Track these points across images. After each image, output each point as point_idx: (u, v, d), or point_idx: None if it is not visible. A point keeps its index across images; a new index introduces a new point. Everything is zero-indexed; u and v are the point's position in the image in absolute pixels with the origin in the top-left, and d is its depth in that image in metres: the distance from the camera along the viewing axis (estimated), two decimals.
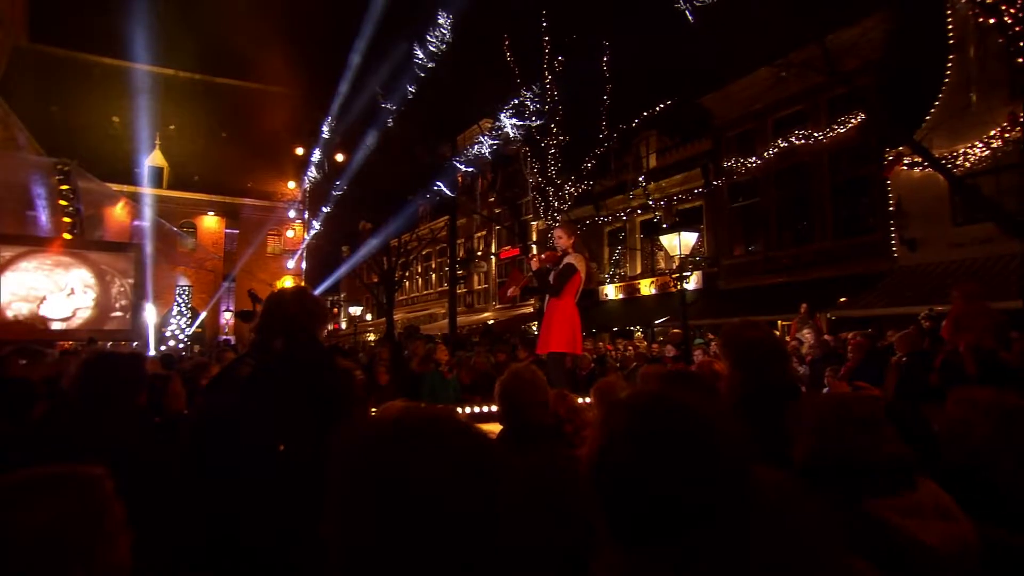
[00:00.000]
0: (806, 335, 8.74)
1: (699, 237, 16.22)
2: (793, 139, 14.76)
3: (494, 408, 2.67)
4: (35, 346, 5.45)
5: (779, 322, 13.86)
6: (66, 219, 17.11)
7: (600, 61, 15.23)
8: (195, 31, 31.92)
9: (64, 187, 16.51)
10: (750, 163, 15.66)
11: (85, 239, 17.73)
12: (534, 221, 22.21)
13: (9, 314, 17.09)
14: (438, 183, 18.47)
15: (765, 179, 15.97)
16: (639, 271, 19.80)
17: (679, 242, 9.29)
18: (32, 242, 16.73)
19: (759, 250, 16.45)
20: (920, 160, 10.04)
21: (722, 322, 13.86)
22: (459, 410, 4.47)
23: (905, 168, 12.09)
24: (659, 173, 18.55)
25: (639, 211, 18.59)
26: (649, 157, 19.74)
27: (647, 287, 19.03)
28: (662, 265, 18.28)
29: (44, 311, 17.23)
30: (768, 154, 15.26)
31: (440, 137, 19.41)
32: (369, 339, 27.38)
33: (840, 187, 14.78)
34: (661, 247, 14.87)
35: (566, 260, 5.00)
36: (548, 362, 4.94)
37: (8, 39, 31.06)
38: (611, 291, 20.33)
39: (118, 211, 24.83)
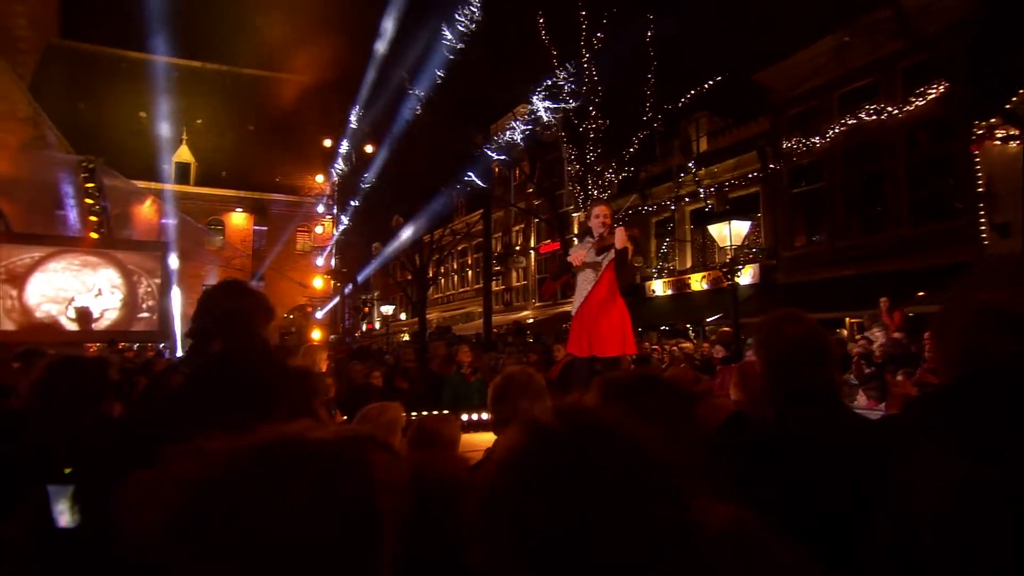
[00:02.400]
0: (876, 334, 8.25)
1: (753, 226, 15.72)
2: (863, 115, 14.10)
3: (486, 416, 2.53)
4: (45, 348, 5.60)
5: (847, 319, 13.36)
6: (92, 218, 17.85)
7: (643, 36, 14.88)
8: (221, 21, 32.96)
9: (89, 185, 17.24)
10: (813, 143, 15.11)
11: (112, 238, 18.44)
12: (575, 213, 21.98)
13: (38, 315, 17.96)
14: (470, 173, 18.45)
15: (830, 161, 15.37)
16: (689, 264, 19.43)
17: (730, 231, 8.93)
18: (59, 242, 17.51)
19: (823, 240, 15.88)
20: (1015, 133, 9.34)
21: None
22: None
23: (997, 143, 11.34)
24: (710, 157, 18.14)
25: (688, 199, 18.20)
26: (699, 140, 19.32)
27: (698, 282, 18.65)
28: (715, 258, 17.81)
29: (72, 312, 18.02)
30: (833, 133, 14.67)
31: (473, 124, 19.39)
32: (404, 339, 27.67)
33: (918, 167, 14.07)
34: (712, 238, 14.46)
35: (616, 239, 4.48)
36: (606, 366, 4.38)
37: (40, 38, 32.80)
38: (659, 287, 20.00)
39: (146, 209, 25.84)
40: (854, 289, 12.93)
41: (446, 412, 4.25)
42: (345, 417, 4.10)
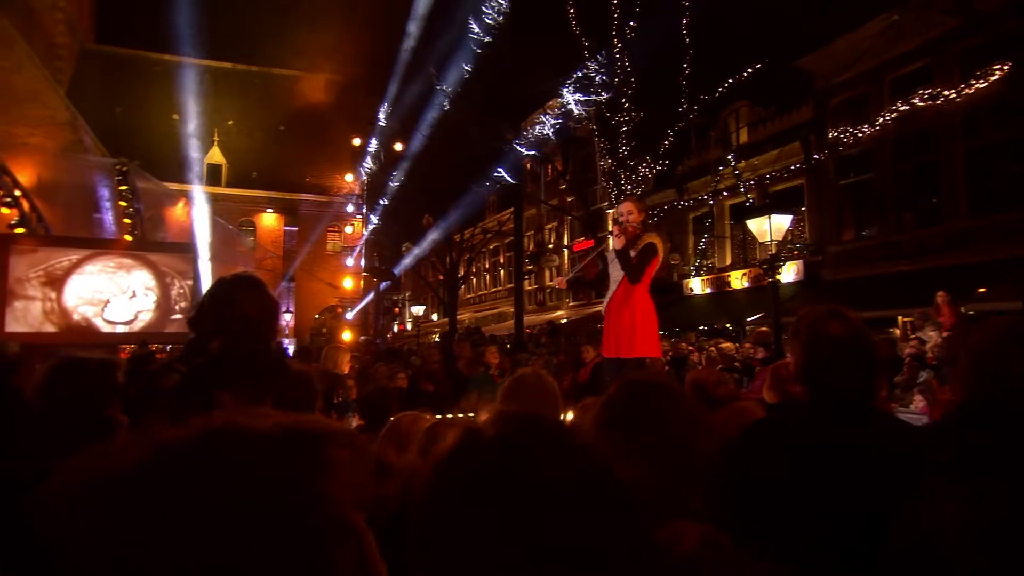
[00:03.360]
0: (929, 334, 7.91)
1: (796, 220, 15.34)
2: (916, 100, 13.59)
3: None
4: (68, 349, 5.74)
5: (899, 318, 12.92)
6: (126, 220, 18.41)
7: (677, 23, 14.63)
8: (251, 22, 33.75)
9: (123, 188, 17.79)
10: (861, 132, 14.64)
11: (144, 240, 19.02)
12: (609, 210, 21.80)
13: (75, 318, 18.66)
14: (500, 170, 18.45)
15: (880, 150, 14.90)
16: (729, 262, 19.12)
17: (770, 226, 8.68)
18: (94, 244, 18.14)
19: (874, 234, 15.43)
20: None
21: None
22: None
23: None
24: (750, 149, 17.80)
25: (726, 193, 17.88)
26: (738, 131, 18.99)
27: (738, 280, 18.32)
28: (756, 255, 17.47)
29: (108, 315, 18.67)
30: (884, 120, 14.18)
31: (502, 119, 19.39)
32: (434, 340, 27.86)
33: (978, 154, 13.50)
34: (752, 234, 14.18)
35: (645, 239, 4.37)
36: (631, 369, 4.26)
37: (77, 43, 34.13)
38: (697, 285, 19.73)
39: (179, 211, 26.55)
40: (907, 286, 12.53)
41: (460, 415, 4.22)
42: (362, 421, 4.08)
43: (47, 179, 24.05)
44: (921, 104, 13.52)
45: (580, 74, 15.27)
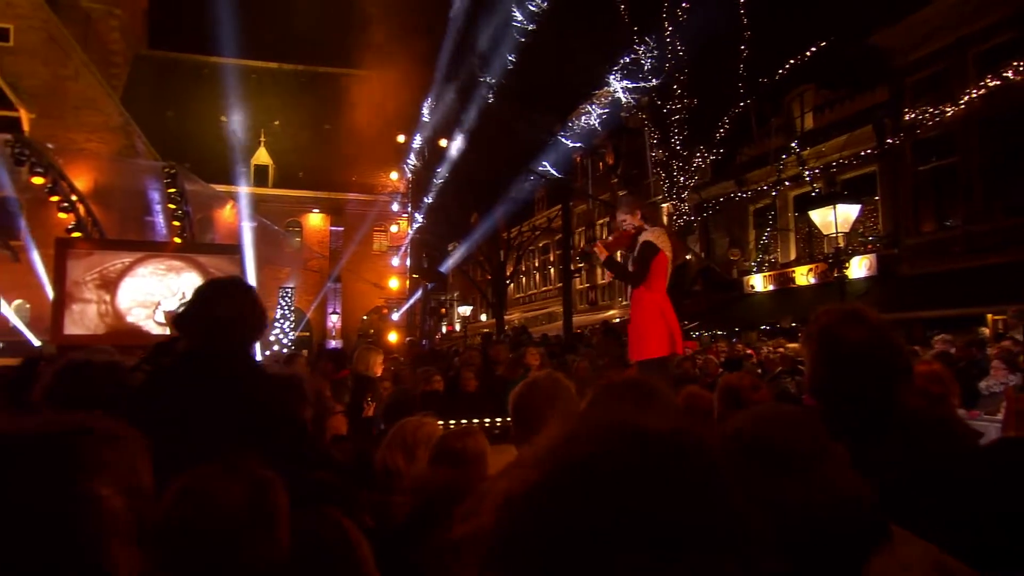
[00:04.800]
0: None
1: (867, 210, 14.72)
2: (1009, 73, 12.76)
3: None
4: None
5: (989, 316, 12.22)
6: (175, 223, 19.14)
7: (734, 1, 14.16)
8: (296, 21, 34.67)
9: (172, 190, 18.49)
10: (943, 112, 13.88)
11: (193, 242, 19.75)
12: (663, 203, 21.40)
13: (129, 320, 19.57)
14: (545, 163, 18.32)
15: (964, 132, 14.10)
16: (793, 256, 18.51)
17: (835, 217, 8.22)
18: (145, 247, 18.95)
19: (957, 224, 14.64)
20: None
21: (904, 316, 12.39)
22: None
23: None
24: (817, 135, 17.19)
25: (790, 183, 17.27)
26: (803, 116, 18.36)
27: (804, 276, 17.71)
28: (823, 248, 16.83)
29: (159, 317, 19.49)
30: (968, 99, 13.37)
31: (549, 112, 19.26)
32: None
33: None
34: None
35: (642, 237, 4.49)
36: (643, 371, 4.47)
37: (130, 49, 35.87)
38: (758, 282, 19.19)
39: (227, 213, 27.52)
40: (996, 281, 11.84)
41: (472, 422, 4.12)
42: (385, 425, 4.01)
43: (102, 183, 25.33)
44: (1014, 78, 12.69)
45: (628, 60, 14.95)
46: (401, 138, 28.42)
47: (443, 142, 25.17)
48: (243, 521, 1.30)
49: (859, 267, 15.71)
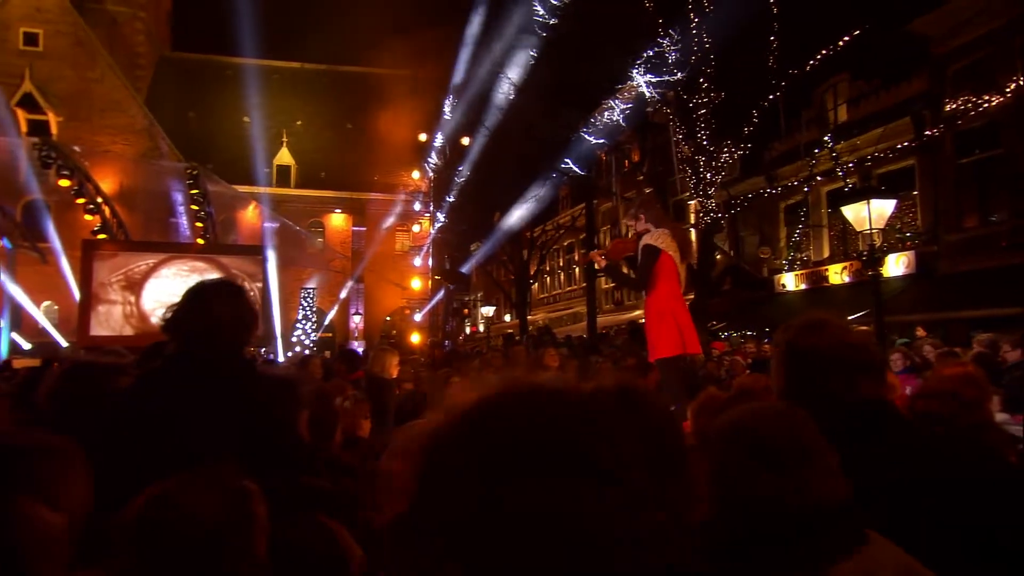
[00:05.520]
0: None
1: (904, 205, 14.38)
2: None
3: None
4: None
5: None
6: (198, 224, 19.48)
7: None
8: (318, 21, 35.05)
9: (194, 192, 18.82)
10: (987, 102, 13.47)
11: (216, 243, 20.08)
12: (690, 200, 21.17)
13: (153, 321, 19.96)
14: (568, 161, 18.22)
15: (1010, 122, 13.63)
16: (827, 254, 18.14)
17: (869, 212, 7.99)
18: (168, 248, 19.31)
19: (1003, 219, 14.17)
20: None
21: (943, 316, 12.03)
22: None
23: None
24: (851, 128, 16.79)
25: (822, 178, 16.94)
26: (836, 109, 17.98)
27: (838, 274, 17.37)
28: (858, 245, 16.47)
29: None
30: (1015, 87, 12.97)
31: (571, 108, 19.18)
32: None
33: None
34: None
35: (643, 241, 4.53)
36: (660, 371, 4.60)
37: (155, 51, 36.62)
38: (790, 280, 18.87)
39: (249, 214, 27.98)
40: None
41: None
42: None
43: (126, 185, 25.91)
44: None
45: (652, 53, 14.77)
46: (423, 137, 28.56)
47: (465, 140, 25.23)
48: (217, 531, 1.27)
49: (896, 265, 15.34)
